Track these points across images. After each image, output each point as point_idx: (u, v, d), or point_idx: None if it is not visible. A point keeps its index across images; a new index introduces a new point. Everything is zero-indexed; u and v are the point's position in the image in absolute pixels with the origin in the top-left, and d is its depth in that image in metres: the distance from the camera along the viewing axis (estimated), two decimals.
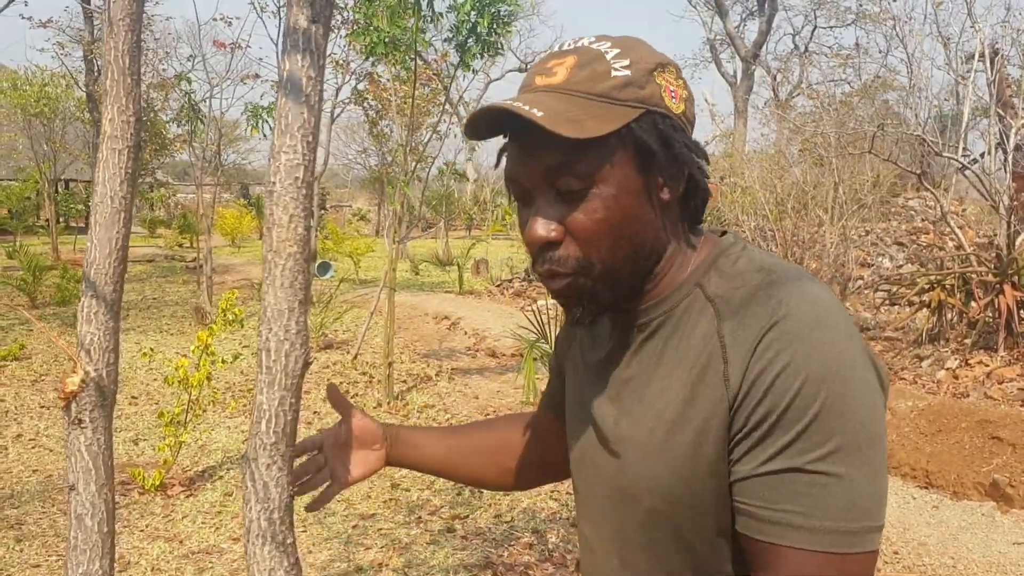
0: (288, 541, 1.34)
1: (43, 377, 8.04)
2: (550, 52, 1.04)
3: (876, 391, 0.90)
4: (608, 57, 0.98)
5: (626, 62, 0.98)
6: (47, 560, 4.18)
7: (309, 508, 1.43)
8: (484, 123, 1.01)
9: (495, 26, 6.50)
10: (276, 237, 1.24)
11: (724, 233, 1.09)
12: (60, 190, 27.76)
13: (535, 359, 4.30)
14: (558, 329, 4.23)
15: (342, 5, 11.28)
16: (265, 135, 9.05)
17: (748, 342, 0.90)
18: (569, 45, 1.02)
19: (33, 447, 5.96)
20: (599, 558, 1.12)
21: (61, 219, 25.03)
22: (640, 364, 1.04)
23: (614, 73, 0.97)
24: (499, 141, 1.07)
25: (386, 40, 6.48)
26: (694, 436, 0.94)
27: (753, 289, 0.95)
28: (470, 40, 6.56)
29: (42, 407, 7.00)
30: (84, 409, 1.37)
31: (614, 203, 0.97)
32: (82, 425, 1.38)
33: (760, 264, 0.99)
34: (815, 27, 29.91)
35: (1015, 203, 7.98)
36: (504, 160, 1.07)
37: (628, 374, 1.05)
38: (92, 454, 1.38)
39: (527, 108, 0.93)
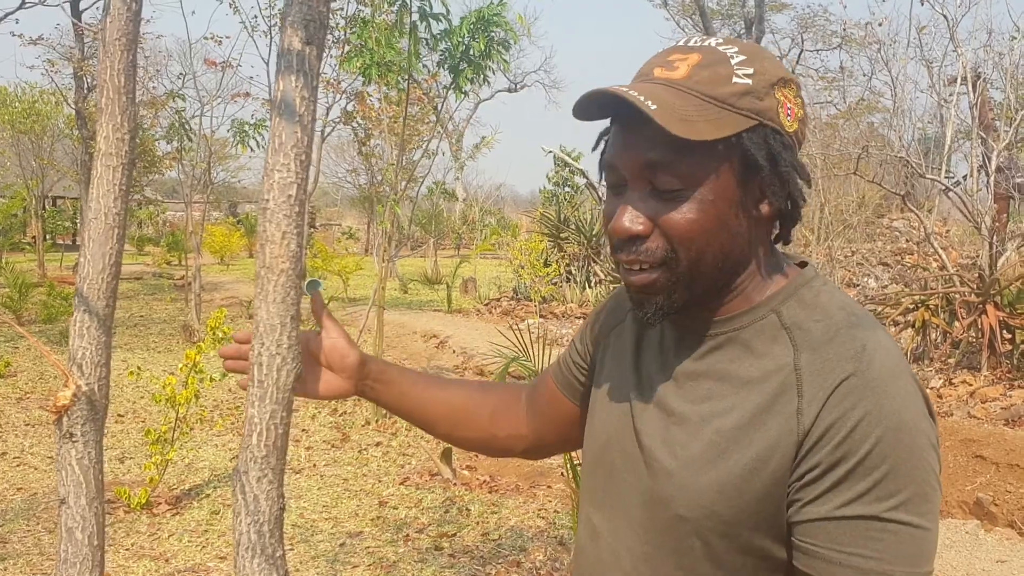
0: (278, 554, 1.35)
1: (28, 395, 8.00)
2: (673, 45, 1.03)
3: (937, 445, 0.93)
4: (733, 62, 0.97)
5: (750, 70, 0.96)
6: None
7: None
8: (595, 105, 0.99)
9: (491, 50, 6.54)
10: (269, 253, 1.26)
11: (804, 264, 1.09)
12: (47, 207, 27.67)
13: (511, 375, 4.31)
14: (546, 349, 4.25)
15: (333, 26, 11.34)
16: (252, 150, 9.07)
17: (828, 383, 0.91)
18: (696, 42, 1.01)
19: (18, 465, 5.93)
20: (604, 547, 1.12)
21: (48, 236, 24.92)
22: (702, 375, 1.03)
23: (735, 80, 0.96)
24: (497, 169, 1.10)
25: (379, 63, 6.52)
26: (752, 461, 0.94)
27: (835, 327, 0.95)
28: (463, 63, 6.60)
29: (27, 425, 6.96)
30: (76, 423, 1.38)
31: (711, 208, 0.96)
32: (73, 439, 1.39)
33: (842, 303, 0.99)
34: (801, 50, 30.20)
35: (997, 224, 8.07)
36: (604, 144, 1.06)
37: (687, 382, 1.04)
38: (83, 468, 1.39)
39: (642, 99, 0.92)
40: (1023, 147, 11.37)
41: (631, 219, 0.99)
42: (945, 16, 8.87)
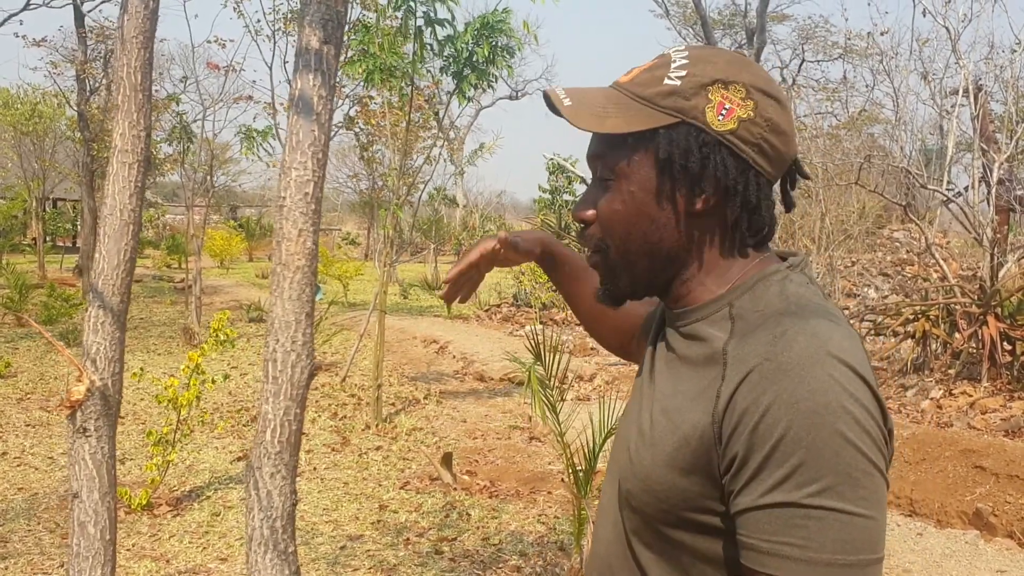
0: (290, 550, 1.36)
1: (29, 395, 8.01)
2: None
3: (872, 426, 0.90)
4: (673, 66, 1.03)
5: (683, 73, 1.02)
6: None
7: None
8: (550, 107, 1.09)
9: (495, 57, 6.55)
10: (285, 250, 1.27)
11: (788, 256, 1.10)
12: (48, 209, 27.67)
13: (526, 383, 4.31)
14: (552, 353, 4.25)
15: None
16: (260, 158, 9.08)
17: (744, 367, 0.93)
18: (667, 50, 1.09)
19: (18, 465, 5.93)
20: (594, 538, 1.19)
21: (48, 238, 24.93)
22: (663, 363, 1.10)
23: (666, 81, 1.02)
24: (498, 176, 1.17)
25: (382, 67, 6.54)
26: (680, 439, 0.98)
27: (768, 315, 0.98)
28: (466, 69, 6.61)
29: (27, 425, 6.97)
30: (89, 418, 1.39)
31: (630, 198, 1.04)
32: (87, 434, 1.40)
33: (789, 294, 1.01)
34: (803, 61, 30.26)
35: (998, 236, 8.09)
36: None
37: (655, 371, 1.12)
38: (96, 462, 1.40)
39: (562, 96, 1.05)
40: (1023, 161, 11.40)
41: (581, 206, 1.10)
42: (947, 28, 8.89)
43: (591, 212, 1.09)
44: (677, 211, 1.04)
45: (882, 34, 9.77)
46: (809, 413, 0.87)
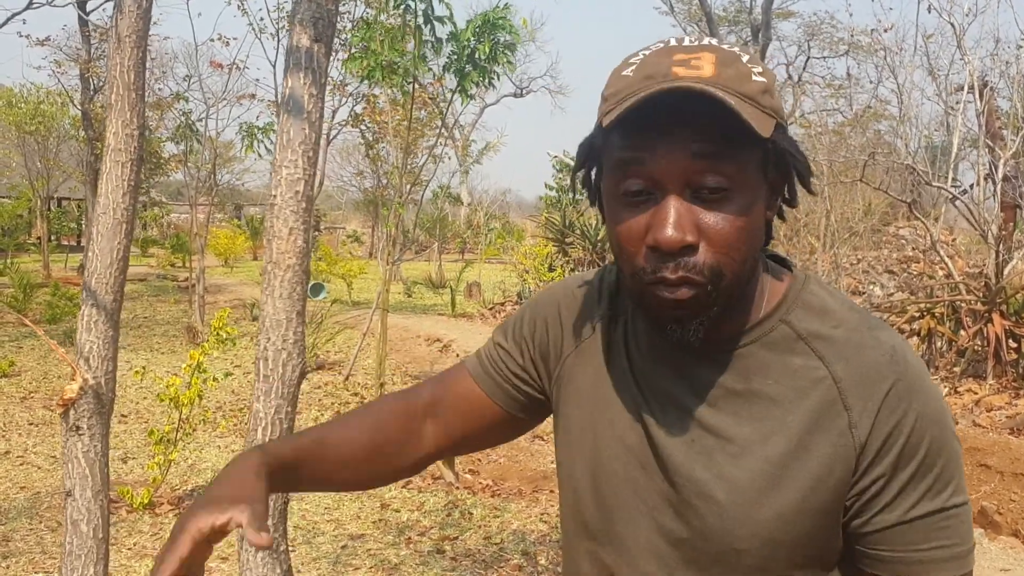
0: (281, 548, 1.35)
1: (32, 394, 8.02)
2: (666, 47, 0.93)
3: None
4: (743, 60, 0.90)
5: (759, 69, 0.90)
6: None
7: None
8: (636, 112, 0.87)
9: (496, 54, 6.55)
10: (276, 249, 1.27)
11: (780, 259, 1.04)
12: (53, 208, 27.75)
13: None
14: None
15: (340, 28, 11.37)
16: (260, 155, 9.09)
17: (876, 393, 0.91)
18: (690, 41, 0.92)
19: (21, 464, 5.94)
20: None
21: (53, 237, 25.00)
22: (722, 400, 0.96)
23: (754, 78, 0.89)
24: (502, 174, 1.03)
25: (383, 64, 6.54)
26: (809, 482, 0.92)
27: (854, 331, 0.95)
28: (468, 67, 6.61)
29: (31, 424, 6.98)
30: (82, 416, 1.39)
31: (751, 211, 0.90)
32: (80, 432, 1.39)
33: (848, 303, 0.98)
34: (808, 57, 30.21)
35: (1003, 233, 8.06)
36: (615, 150, 0.92)
37: (706, 410, 0.97)
38: (89, 461, 1.40)
39: (724, 97, 0.84)
40: None
41: (679, 227, 0.87)
42: (952, 24, 8.87)
43: (693, 236, 0.88)
44: (766, 221, 0.96)
45: (885, 31, 9.74)
46: (941, 424, 0.92)
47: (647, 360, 1.02)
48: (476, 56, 6.45)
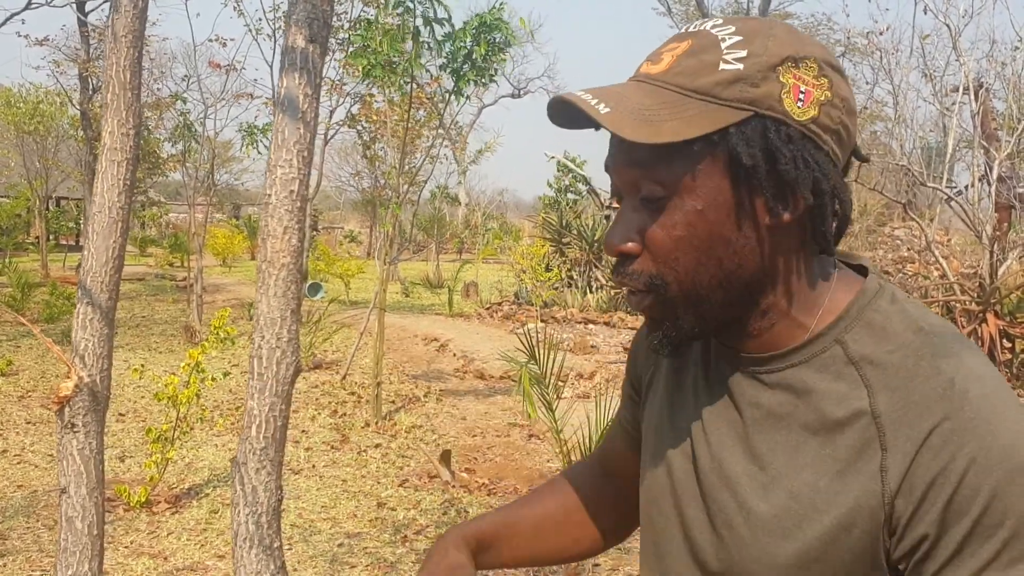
0: (275, 545, 1.37)
1: (30, 393, 8.02)
2: (676, 34, 0.89)
3: None
4: (724, 46, 0.82)
5: (742, 53, 0.81)
6: (31, 575, 4.17)
7: None
8: (560, 113, 0.88)
9: (491, 53, 6.58)
10: (270, 248, 1.28)
11: (861, 268, 0.93)
12: (51, 208, 27.74)
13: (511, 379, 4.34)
14: (548, 351, 4.27)
15: (338, 26, 11.39)
16: (260, 152, 9.10)
17: (917, 433, 0.78)
18: (695, 27, 0.87)
19: (18, 463, 5.95)
20: None
21: (51, 237, 24.99)
22: (760, 423, 0.89)
23: (723, 66, 0.81)
24: (500, 174, 1.02)
25: (382, 63, 6.55)
26: (833, 528, 0.81)
27: (911, 357, 0.81)
28: (465, 66, 6.63)
29: (28, 423, 6.98)
30: (77, 413, 1.40)
31: (697, 218, 0.83)
32: (75, 429, 1.41)
33: (916, 323, 0.84)
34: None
35: (998, 233, 8.08)
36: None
37: (740, 431, 0.90)
38: (84, 458, 1.41)
39: (593, 102, 0.81)
40: None
41: (620, 234, 0.87)
42: (948, 25, 8.89)
43: (634, 243, 0.86)
44: (759, 226, 0.84)
45: (880, 34, 9.76)
46: (1012, 473, 0.74)
47: (704, 378, 0.97)
48: (473, 57, 6.48)
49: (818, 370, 0.85)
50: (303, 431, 6.89)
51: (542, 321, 12.78)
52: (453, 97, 6.99)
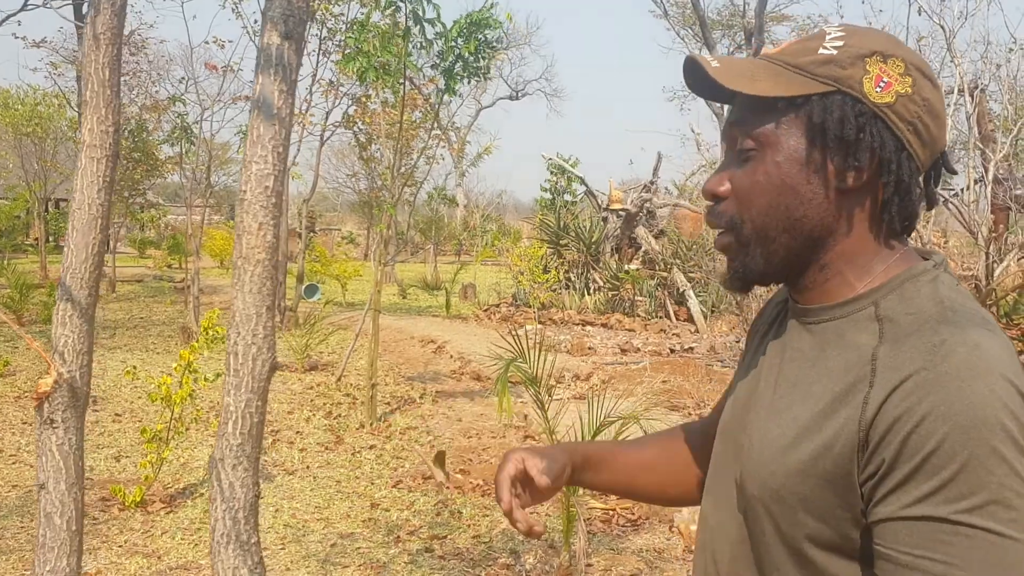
0: (252, 541, 1.37)
1: (26, 394, 8.02)
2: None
3: None
4: (827, 38, 0.99)
5: (839, 43, 0.98)
6: (24, 574, 4.17)
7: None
8: (692, 77, 1.05)
9: (481, 51, 6.60)
10: (246, 244, 1.29)
11: (928, 257, 1.03)
12: (50, 209, 27.74)
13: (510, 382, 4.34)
14: (539, 352, 4.27)
15: (335, 28, 11.38)
16: None
17: (897, 374, 0.88)
18: (835, 29, 1.03)
19: (13, 463, 5.95)
20: (707, 531, 1.12)
21: (51, 238, 24.99)
22: (793, 362, 1.03)
23: (821, 51, 0.98)
24: (499, 176, 1.12)
25: (376, 65, 6.57)
26: (818, 448, 0.92)
27: (923, 320, 0.92)
28: (456, 65, 6.65)
29: (24, 423, 6.98)
30: (56, 409, 1.41)
31: (775, 168, 0.98)
32: (54, 425, 1.41)
33: (943, 297, 0.94)
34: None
35: (994, 235, 8.09)
36: None
37: (779, 367, 1.05)
38: (63, 453, 1.41)
39: (709, 59, 1.00)
40: (1022, 158, 11.40)
41: (715, 179, 1.04)
42: (943, 27, 8.90)
43: (726, 186, 1.03)
44: (826, 185, 0.98)
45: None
46: (967, 427, 0.82)
47: (776, 330, 1.12)
48: (463, 55, 6.49)
49: (852, 324, 0.97)
50: (298, 432, 6.89)
51: (540, 323, 12.79)
52: (446, 96, 7.01)
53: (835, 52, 0.97)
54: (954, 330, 0.88)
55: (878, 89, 0.96)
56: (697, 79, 1.04)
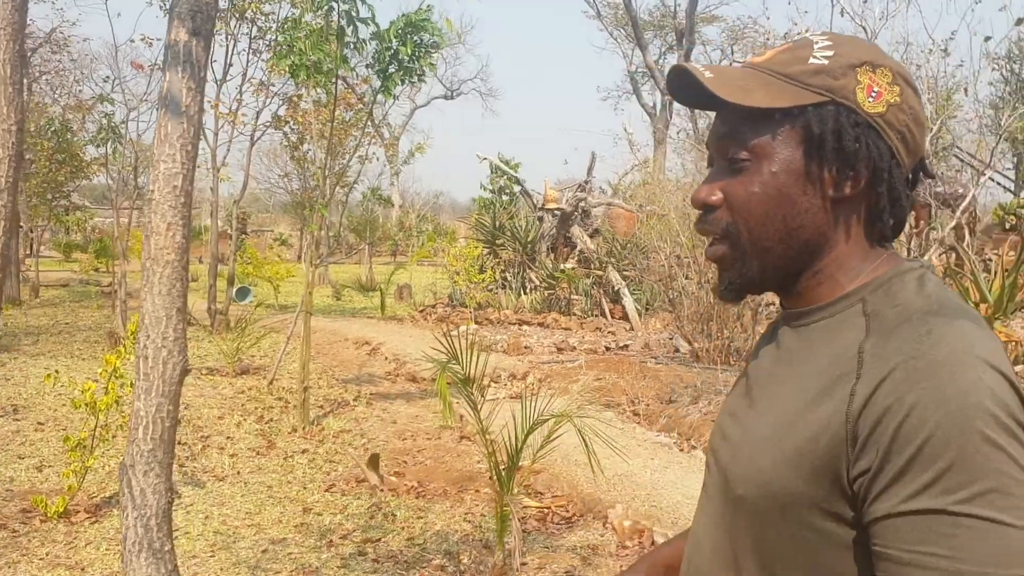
0: (166, 548, 1.34)
1: None
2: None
3: (1022, 433, 0.84)
4: (816, 47, 1.00)
5: (829, 53, 0.99)
6: None
7: None
8: (677, 85, 1.05)
9: (417, 54, 6.56)
10: (154, 245, 1.26)
11: (914, 260, 1.05)
12: None
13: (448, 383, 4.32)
14: (471, 353, 4.26)
15: (264, 28, 11.22)
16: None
17: (885, 365, 0.87)
18: (804, 38, 1.05)
19: None
20: (694, 535, 1.13)
21: None
22: (781, 362, 1.04)
23: (811, 60, 0.99)
24: (435, 176, 1.10)
25: (308, 64, 6.49)
26: (805, 441, 0.91)
27: (910, 312, 0.92)
28: (392, 67, 6.61)
29: None
30: None
31: (771, 179, 0.99)
32: None
33: (929, 292, 0.96)
34: (731, 61, 30.77)
35: (915, 230, 8.32)
36: None
37: (768, 369, 1.06)
38: None
39: (702, 70, 1.00)
40: (942, 157, 11.76)
41: (707, 189, 1.04)
42: (864, 28, 9.14)
43: (718, 196, 1.03)
44: (822, 194, 0.99)
45: (799, 36, 10.00)
46: (959, 414, 0.82)
47: (769, 338, 1.12)
48: (399, 56, 6.45)
49: (840, 322, 0.98)
50: (228, 437, 6.78)
51: (476, 323, 12.78)
52: (381, 97, 6.96)
53: (826, 62, 0.98)
54: (941, 320, 0.89)
55: (870, 99, 0.98)
56: (684, 88, 1.05)
